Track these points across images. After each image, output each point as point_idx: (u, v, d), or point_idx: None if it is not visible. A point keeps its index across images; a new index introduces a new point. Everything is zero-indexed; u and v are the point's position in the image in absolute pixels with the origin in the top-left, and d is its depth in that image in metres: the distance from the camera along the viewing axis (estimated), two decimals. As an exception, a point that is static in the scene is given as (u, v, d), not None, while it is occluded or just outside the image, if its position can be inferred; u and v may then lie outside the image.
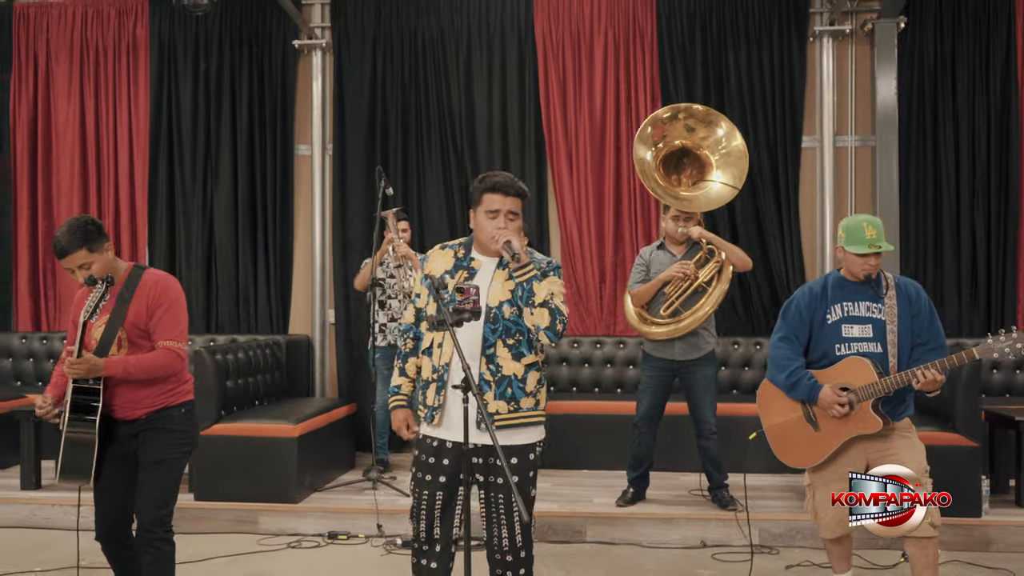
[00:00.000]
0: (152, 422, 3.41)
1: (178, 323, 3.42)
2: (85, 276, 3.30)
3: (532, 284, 3.09)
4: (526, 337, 3.16)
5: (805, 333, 3.76)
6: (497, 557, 3.23)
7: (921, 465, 3.58)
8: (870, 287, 3.69)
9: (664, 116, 5.33)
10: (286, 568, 4.58)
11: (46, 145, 7.32)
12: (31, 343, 7.13)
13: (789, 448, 3.85)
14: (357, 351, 7.00)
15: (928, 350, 3.60)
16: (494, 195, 3.15)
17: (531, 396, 3.17)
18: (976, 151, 6.65)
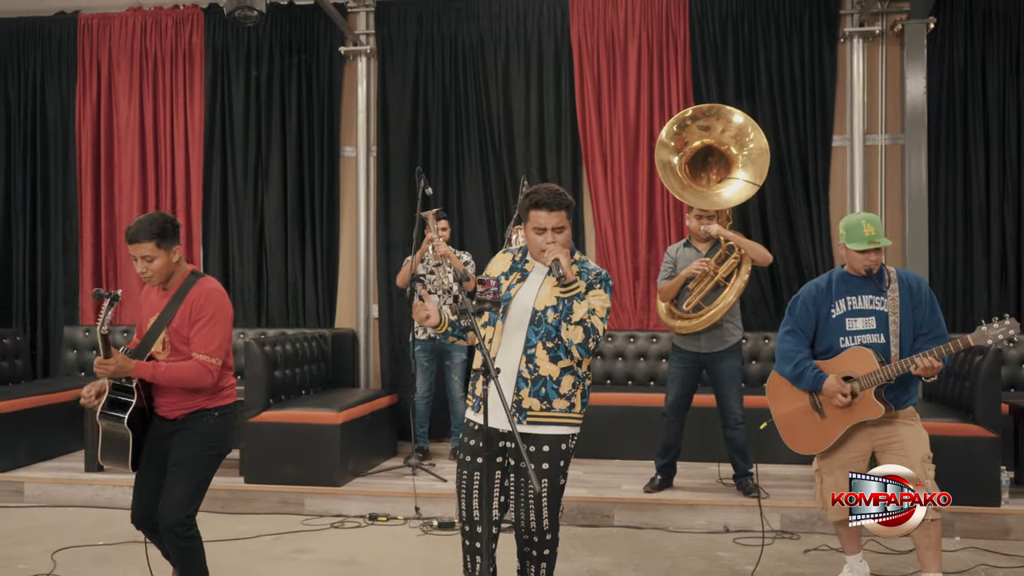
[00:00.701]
0: (186, 423, 3.55)
1: (214, 338, 3.50)
2: (146, 268, 3.47)
3: (573, 303, 3.28)
4: (564, 343, 3.32)
5: (811, 327, 3.95)
6: (524, 537, 3.44)
7: (923, 451, 3.75)
8: (872, 281, 3.86)
9: (674, 129, 5.52)
10: (329, 546, 4.87)
11: (108, 148, 7.72)
12: (93, 336, 7.51)
13: (797, 436, 4.04)
14: (399, 344, 7.28)
15: (930, 339, 3.77)
16: (539, 212, 3.33)
17: (565, 399, 3.34)
18: (1006, 149, 6.72)
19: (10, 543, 4.88)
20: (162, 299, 3.56)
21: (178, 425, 3.56)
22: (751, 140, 5.42)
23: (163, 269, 3.50)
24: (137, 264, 3.50)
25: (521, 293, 3.39)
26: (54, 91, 7.79)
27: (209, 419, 3.58)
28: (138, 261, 3.49)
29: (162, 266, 3.49)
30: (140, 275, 3.53)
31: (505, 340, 3.35)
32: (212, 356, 3.48)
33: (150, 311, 3.59)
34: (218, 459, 3.64)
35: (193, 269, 3.66)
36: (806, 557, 4.63)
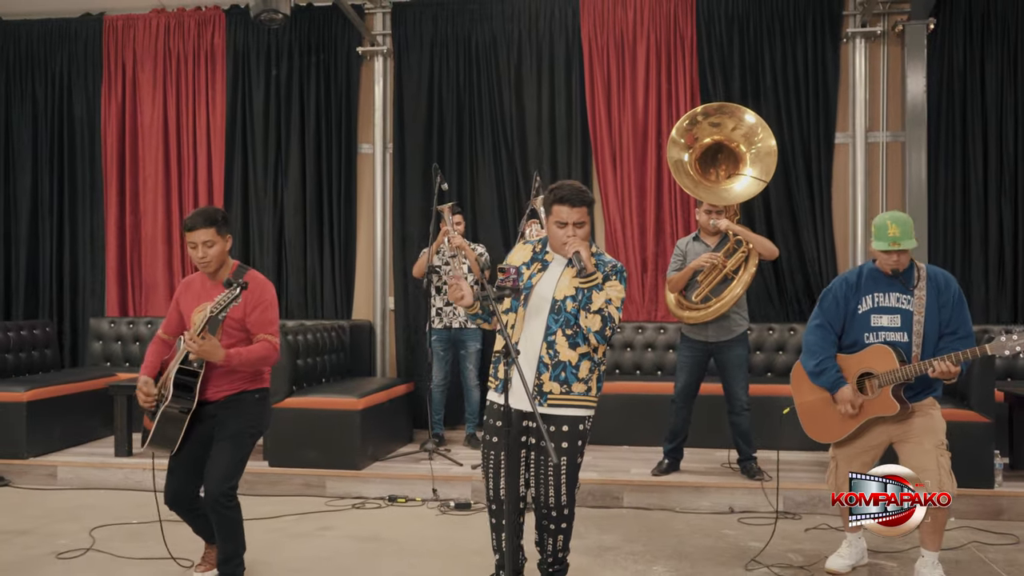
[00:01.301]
0: (229, 404, 3.82)
1: (273, 320, 3.84)
2: (204, 254, 3.73)
3: (592, 292, 3.50)
4: (583, 330, 3.54)
5: (839, 321, 4.11)
6: (543, 511, 3.67)
7: (937, 439, 3.91)
8: (900, 279, 4.01)
9: (685, 125, 5.72)
10: (351, 524, 5.11)
11: (133, 145, 7.96)
12: (119, 327, 7.78)
13: (816, 424, 4.22)
14: (414, 335, 7.52)
15: (956, 339, 3.92)
16: (562, 207, 3.56)
17: (583, 382, 3.57)
18: (1004, 146, 6.92)
19: (50, 522, 5.13)
20: (214, 289, 3.79)
21: (220, 406, 3.81)
22: (760, 139, 5.62)
23: (219, 256, 3.78)
24: (197, 250, 3.74)
25: (542, 283, 3.62)
26: (80, 90, 8.03)
27: (250, 400, 3.86)
28: (198, 247, 3.73)
29: (219, 252, 3.77)
30: (198, 261, 3.78)
31: (526, 327, 3.58)
32: (274, 335, 3.82)
33: (196, 300, 3.81)
34: (256, 438, 3.91)
35: (239, 263, 3.92)
36: (807, 535, 4.85)
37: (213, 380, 3.78)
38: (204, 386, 3.76)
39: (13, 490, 5.93)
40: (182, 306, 3.93)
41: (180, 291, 3.99)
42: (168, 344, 4.00)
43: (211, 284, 3.86)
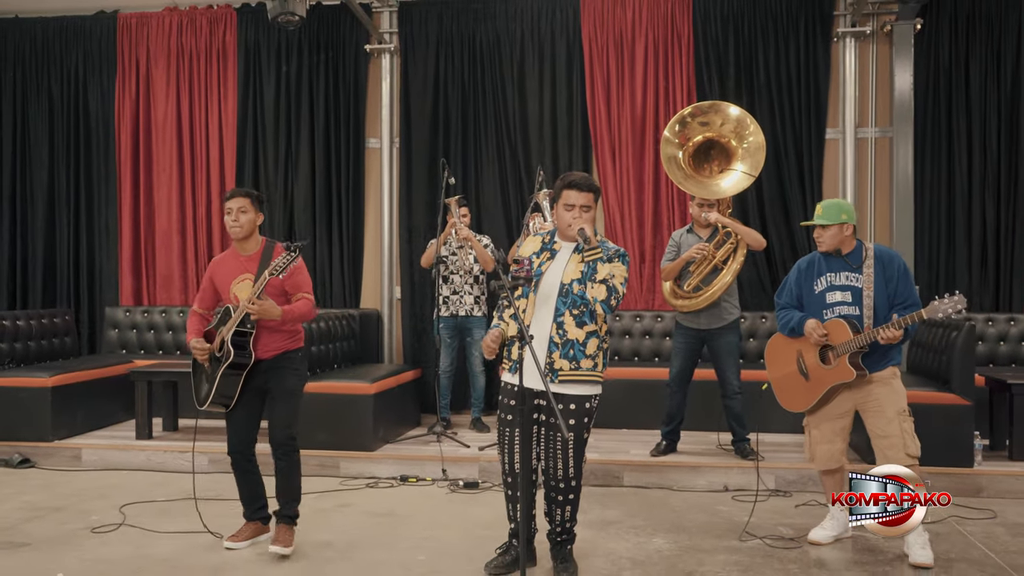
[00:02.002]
0: (278, 362, 4.37)
1: (308, 281, 4.45)
2: (236, 219, 4.28)
3: (597, 264, 3.83)
4: (589, 310, 3.85)
5: (797, 303, 4.57)
6: (552, 483, 3.96)
7: (899, 406, 4.28)
8: (848, 259, 4.41)
9: (676, 128, 6.01)
10: (367, 501, 5.41)
11: (147, 140, 8.21)
12: (134, 316, 8.03)
13: (787, 395, 4.62)
14: (420, 323, 7.80)
15: (904, 307, 4.30)
16: (571, 191, 3.91)
17: (590, 359, 3.87)
18: (987, 142, 7.19)
19: (80, 500, 5.41)
20: (249, 263, 4.36)
21: (270, 364, 4.36)
22: (750, 134, 5.90)
23: (248, 225, 4.34)
24: (230, 216, 4.31)
25: (551, 270, 3.92)
26: (95, 86, 8.27)
27: (295, 358, 4.46)
28: (232, 213, 4.31)
29: (248, 221, 4.34)
30: (230, 225, 4.33)
31: (537, 310, 3.87)
32: (311, 293, 4.44)
33: (231, 274, 4.38)
34: (303, 388, 4.56)
35: (267, 238, 4.48)
36: (796, 511, 5.15)
37: (263, 340, 4.33)
38: (255, 344, 4.30)
39: (39, 471, 6.21)
40: (216, 282, 4.45)
41: (212, 269, 4.50)
42: (205, 317, 4.51)
43: (243, 259, 4.40)
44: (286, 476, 4.40)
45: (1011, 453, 5.85)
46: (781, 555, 4.34)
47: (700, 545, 4.50)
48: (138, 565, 4.20)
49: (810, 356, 4.47)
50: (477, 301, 6.86)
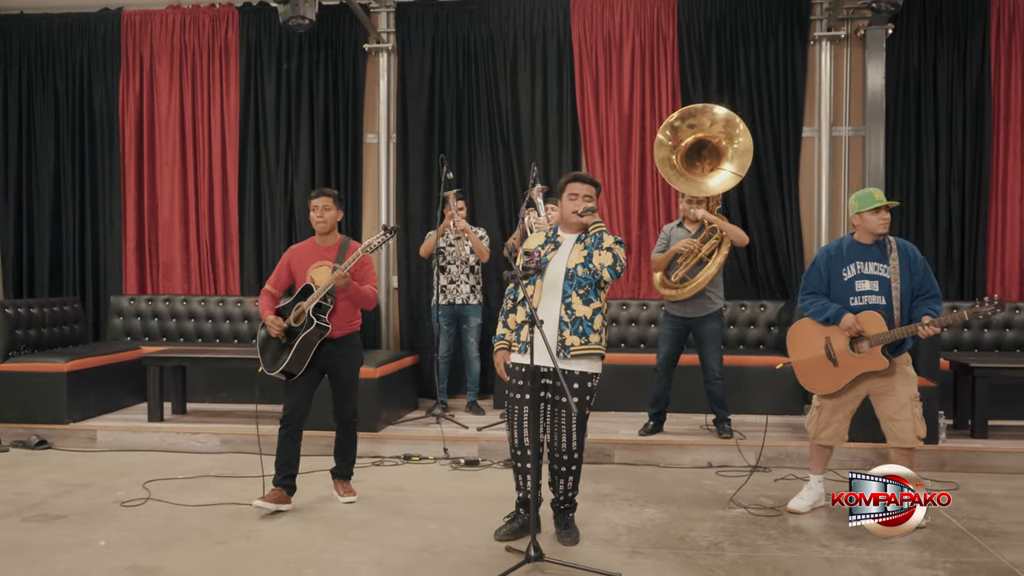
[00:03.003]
0: (342, 345, 5.01)
1: (374, 275, 5.14)
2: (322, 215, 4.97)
3: (603, 235, 4.27)
4: (593, 287, 4.24)
5: (824, 287, 4.82)
6: (556, 455, 4.35)
7: (912, 392, 4.68)
8: (877, 249, 4.71)
9: (668, 133, 6.38)
10: (375, 478, 5.76)
11: (150, 134, 8.49)
12: (138, 304, 8.32)
13: (812, 378, 4.91)
14: (417, 311, 8.15)
15: (926, 298, 4.65)
16: (575, 183, 4.36)
17: (597, 333, 4.27)
18: (953, 141, 7.63)
19: (103, 477, 5.73)
20: (327, 252, 5.02)
21: (337, 343, 4.98)
22: (739, 135, 6.28)
23: (332, 221, 5.05)
24: (317, 211, 4.99)
25: (556, 259, 4.31)
26: (100, 82, 8.52)
27: (355, 341, 5.14)
28: (318, 210, 4.99)
29: (332, 218, 5.05)
30: (316, 221, 5.01)
31: (545, 295, 4.24)
32: (375, 286, 5.12)
33: (308, 261, 5.02)
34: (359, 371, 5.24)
35: (343, 235, 5.14)
36: (776, 484, 5.56)
37: (336, 318, 4.94)
38: (331, 319, 4.91)
39: (57, 452, 6.50)
40: (294, 266, 5.08)
41: (291, 255, 5.14)
42: (275, 297, 5.12)
43: (321, 248, 5.07)
44: (348, 443, 5.18)
45: (972, 431, 6.29)
46: (763, 522, 4.75)
47: (689, 514, 4.90)
48: (173, 534, 4.53)
49: (839, 343, 4.75)
50: (473, 290, 7.22)
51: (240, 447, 6.41)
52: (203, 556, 4.21)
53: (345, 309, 4.99)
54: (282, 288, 5.12)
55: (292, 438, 4.99)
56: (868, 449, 5.86)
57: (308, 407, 5.06)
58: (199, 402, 7.55)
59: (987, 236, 7.61)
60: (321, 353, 4.93)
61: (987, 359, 6.62)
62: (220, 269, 8.44)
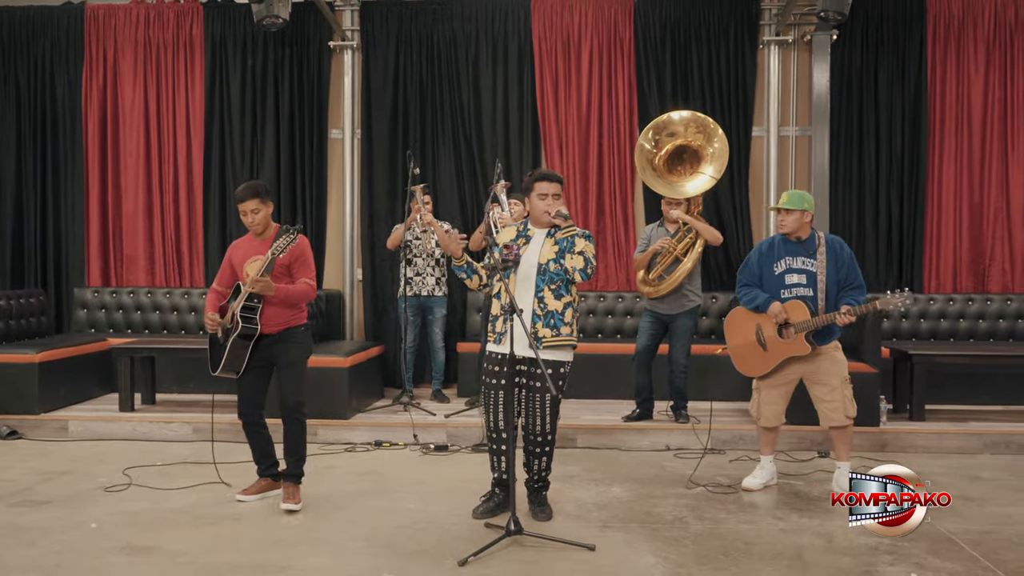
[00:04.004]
0: (283, 336, 4.84)
1: (311, 267, 4.92)
2: (253, 219, 4.77)
3: (575, 239, 4.51)
4: (565, 282, 4.50)
5: (757, 280, 5.21)
6: (531, 437, 4.62)
7: (842, 375, 5.08)
8: (804, 245, 5.09)
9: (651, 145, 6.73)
10: (349, 463, 5.97)
11: (114, 128, 8.55)
12: (102, 296, 8.38)
13: (744, 362, 5.31)
14: (381, 303, 8.36)
15: (850, 289, 5.04)
16: (542, 183, 4.58)
17: (568, 325, 4.53)
18: (892, 140, 8.07)
19: (82, 465, 5.86)
20: (262, 245, 4.82)
21: (276, 338, 4.83)
22: (717, 139, 6.65)
23: (264, 219, 4.84)
24: (247, 217, 4.81)
25: (528, 253, 4.56)
26: (62, 76, 8.56)
27: (298, 332, 4.93)
28: (247, 215, 4.81)
29: (264, 217, 4.84)
30: (248, 225, 4.85)
31: (518, 289, 4.50)
32: (313, 279, 4.91)
33: (246, 256, 4.86)
34: (308, 359, 5.02)
35: (280, 224, 4.91)
36: (731, 465, 5.91)
37: (268, 314, 4.78)
38: (261, 317, 4.77)
39: (28, 442, 6.59)
40: (234, 261, 4.94)
41: (231, 251, 5.01)
42: (222, 294, 4.97)
43: (258, 242, 4.88)
44: (294, 439, 4.88)
45: (911, 414, 6.73)
46: (721, 499, 5.08)
47: (653, 492, 5.21)
48: (161, 516, 4.71)
49: (768, 329, 5.13)
50: (438, 282, 7.45)
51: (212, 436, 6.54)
52: (195, 536, 4.40)
53: (279, 305, 4.81)
54: (227, 285, 4.97)
55: (255, 431, 5.02)
56: (816, 432, 6.24)
57: (261, 400, 4.99)
58: (167, 392, 7.66)
59: (923, 233, 8.06)
60: (261, 347, 4.82)
61: (925, 347, 7.07)
62: (185, 261, 8.55)
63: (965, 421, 6.69)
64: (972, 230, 8.06)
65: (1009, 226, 8.03)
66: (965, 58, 8.04)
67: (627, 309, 8.15)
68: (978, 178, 8.05)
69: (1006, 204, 8.03)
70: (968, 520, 4.64)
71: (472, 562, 3.97)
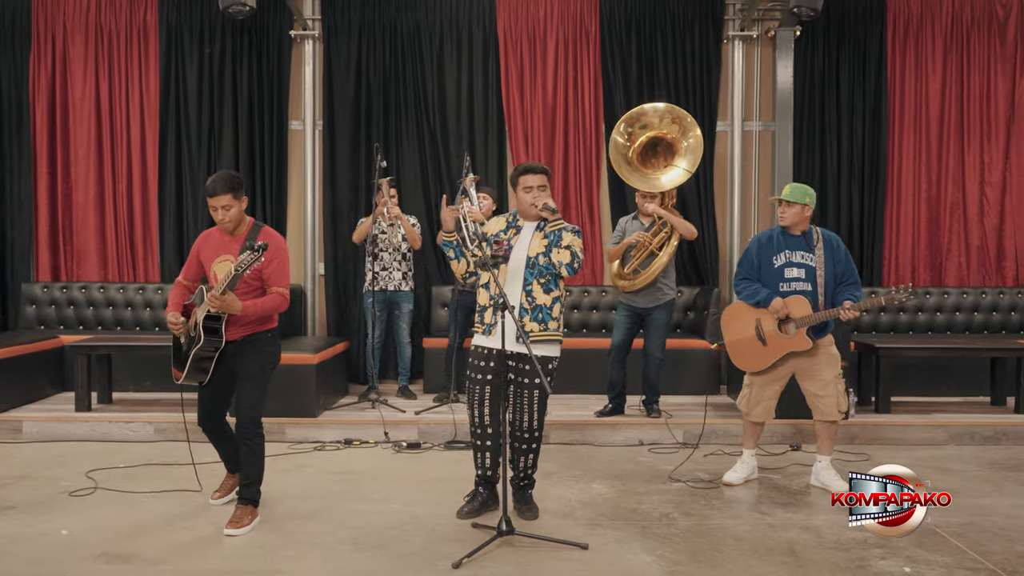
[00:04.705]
0: (247, 343, 4.43)
1: (286, 274, 4.45)
2: (224, 216, 4.29)
3: (562, 232, 4.44)
4: (554, 276, 4.45)
5: (756, 273, 5.19)
6: (518, 434, 4.56)
7: (835, 370, 5.11)
8: (804, 239, 5.11)
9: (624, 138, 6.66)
10: (322, 462, 5.84)
11: (64, 118, 8.23)
12: (52, 292, 8.09)
13: (743, 357, 5.27)
14: (344, 298, 8.21)
15: (847, 285, 5.08)
16: (527, 175, 4.48)
17: (555, 320, 4.48)
18: (854, 135, 8.17)
19: (41, 468, 5.62)
20: (233, 243, 4.39)
21: (239, 346, 4.42)
22: (692, 136, 6.60)
23: (237, 216, 4.36)
24: (217, 213, 4.32)
25: (517, 246, 4.49)
26: (7, 61, 8.21)
27: (263, 340, 4.50)
28: (218, 211, 4.31)
29: (236, 213, 4.35)
30: (219, 223, 4.37)
31: (508, 280, 4.43)
32: (285, 288, 4.45)
33: (215, 251, 4.43)
34: (273, 371, 4.58)
35: (255, 220, 4.53)
36: (707, 459, 5.92)
37: (233, 324, 4.37)
38: (226, 328, 4.35)
39: (-20, 444, 6.33)
40: (202, 256, 4.51)
41: (199, 243, 4.55)
42: (188, 289, 4.59)
43: (228, 238, 4.43)
44: (247, 458, 4.44)
45: (877, 407, 6.82)
46: (704, 494, 5.08)
47: (635, 488, 5.19)
48: (136, 522, 4.53)
49: (768, 324, 5.12)
50: (405, 276, 7.33)
51: (175, 435, 6.34)
52: (172, 542, 4.25)
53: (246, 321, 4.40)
54: (193, 279, 4.59)
55: (217, 439, 4.72)
56: (786, 425, 6.30)
57: (223, 410, 4.68)
58: (124, 391, 7.43)
59: (883, 227, 8.19)
60: (225, 356, 4.43)
61: (890, 340, 7.18)
62: (139, 256, 8.29)
63: (930, 413, 6.80)
64: (930, 225, 8.21)
65: (965, 221, 8.19)
66: (924, 56, 8.17)
67: (593, 303, 8.14)
68: (936, 173, 8.20)
69: (962, 199, 8.19)
70: (947, 512, 4.67)
71: (466, 564, 3.90)
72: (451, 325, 7.19)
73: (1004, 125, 8.16)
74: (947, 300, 7.99)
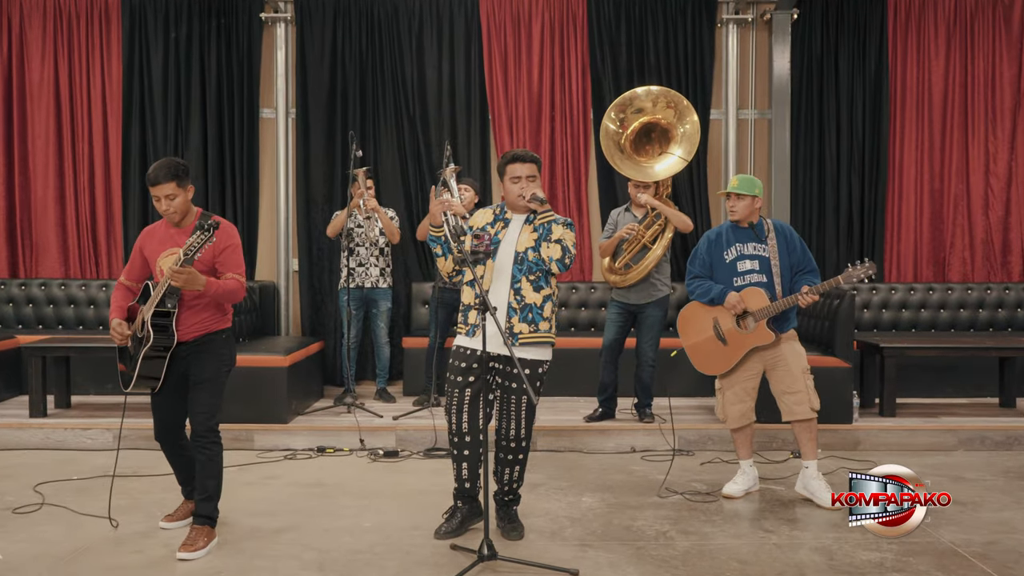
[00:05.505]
0: (200, 345, 4.07)
1: (240, 261, 4.11)
2: (168, 206, 3.94)
3: (552, 225, 4.05)
4: (544, 273, 4.06)
5: (708, 271, 4.92)
6: (503, 443, 4.18)
7: (803, 364, 4.77)
8: (754, 231, 4.82)
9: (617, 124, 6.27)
10: (291, 473, 5.44)
11: (20, 104, 7.78)
12: (9, 289, 7.64)
13: (705, 360, 4.96)
14: (319, 295, 7.79)
15: (805, 273, 4.80)
16: (514, 164, 4.09)
17: (547, 320, 4.09)
18: (854, 125, 7.82)
19: (-14, 481, 5.20)
20: (179, 235, 4.03)
21: (192, 347, 4.06)
22: (689, 123, 6.22)
23: (183, 206, 4.00)
24: (160, 203, 3.96)
25: (505, 239, 4.10)
26: (-40, 45, 7.77)
27: (219, 340, 4.14)
28: (161, 200, 3.96)
29: (182, 203, 3.99)
30: (163, 213, 4.01)
31: (496, 278, 4.04)
32: (241, 275, 4.10)
33: (160, 246, 4.07)
34: (229, 374, 4.21)
35: (203, 210, 4.14)
36: (703, 468, 5.55)
37: (184, 320, 4.02)
38: (176, 325, 4.00)
39: (-75, 454, 5.89)
40: (146, 252, 4.14)
41: (142, 239, 4.19)
42: (131, 290, 4.22)
43: (175, 231, 4.08)
44: (203, 470, 4.09)
45: (881, 410, 6.46)
46: (702, 508, 4.70)
47: (627, 502, 4.81)
48: (80, 544, 4.12)
49: (726, 322, 4.82)
50: (383, 273, 6.93)
51: (136, 443, 5.91)
52: (120, 568, 3.84)
53: (199, 307, 4.06)
54: (136, 279, 4.21)
55: (174, 454, 4.32)
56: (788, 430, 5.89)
57: (181, 421, 4.26)
58: (84, 395, 7.00)
59: (884, 219, 7.84)
60: (177, 358, 4.05)
61: (895, 339, 6.82)
62: (102, 251, 7.85)
63: (936, 416, 6.46)
64: (933, 218, 7.87)
65: (969, 214, 7.86)
66: (926, 41, 7.83)
67: (582, 300, 7.76)
68: (939, 164, 7.86)
69: (966, 192, 7.85)
70: (967, 529, 4.34)
71: (443, 594, 3.51)
72: (431, 323, 6.79)
73: (1009, 113, 7.83)
74: (951, 296, 7.64)
